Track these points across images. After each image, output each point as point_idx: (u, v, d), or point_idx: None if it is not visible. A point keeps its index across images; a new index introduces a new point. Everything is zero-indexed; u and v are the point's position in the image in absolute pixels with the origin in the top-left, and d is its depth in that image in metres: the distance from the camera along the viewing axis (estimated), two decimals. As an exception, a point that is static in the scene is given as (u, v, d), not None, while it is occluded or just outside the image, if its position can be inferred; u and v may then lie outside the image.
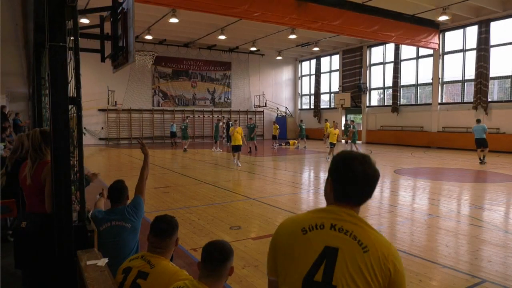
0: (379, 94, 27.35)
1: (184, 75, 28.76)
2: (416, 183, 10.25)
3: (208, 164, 14.70)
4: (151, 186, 9.94)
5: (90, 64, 22.82)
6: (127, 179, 12.53)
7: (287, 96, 33.60)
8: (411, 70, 24.13)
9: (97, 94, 24.51)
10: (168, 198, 8.27)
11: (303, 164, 15.03)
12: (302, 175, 12.50)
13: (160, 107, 27.84)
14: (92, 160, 16.22)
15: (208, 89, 29.88)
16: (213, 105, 30.13)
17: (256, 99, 31.23)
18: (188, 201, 8.01)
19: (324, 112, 30.86)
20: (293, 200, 8.10)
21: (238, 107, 31.00)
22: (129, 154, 19.06)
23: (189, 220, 6.42)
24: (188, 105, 29.02)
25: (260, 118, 32.01)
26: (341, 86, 28.71)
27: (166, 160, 16.18)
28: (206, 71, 29.57)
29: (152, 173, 12.53)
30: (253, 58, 31.18)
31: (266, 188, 9.47)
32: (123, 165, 14.96)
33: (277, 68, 32.79)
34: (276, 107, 32.20)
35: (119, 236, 3.10)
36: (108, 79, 24.25)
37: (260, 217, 6.64)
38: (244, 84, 31.28)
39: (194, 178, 11.18)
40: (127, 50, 3.41)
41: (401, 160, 16.14)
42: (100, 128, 25.77)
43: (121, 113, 26.38)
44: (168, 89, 28.20)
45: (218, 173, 12.45)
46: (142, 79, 26.87)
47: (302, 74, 33.83)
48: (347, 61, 28.14)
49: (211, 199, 8.23)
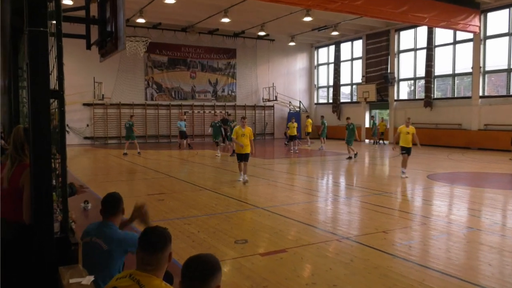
0: (409, 86, 27.13)
1: (182, 64, 28.89)
2: (453, 191, 10.16)
3: (209, 168, 14.72)
4: (144, 192, 9.98)
5: (74, 52, 22.83)
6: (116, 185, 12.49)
7: (301, 89, 33.54)
8: (447, 57, 23.92)
9: (82, 86, 24.73)
10: (163, 207, 8.29)
11: (320, 167, 14.96)
12: (319, 180, 12.45)
13: (154, 101, 28.00)
14: (76, 162, 16.36)
15: (210, 80, 29.96)
16: (215, 98, 30.21)
17: (265, 91, 31.25)
18: (186, 210, 8.02)
19: (344, 107, 30.74)
20: (309, 210, 8.08)
21: (244, 101, 31.04)
22: (118, 156, 19.17)
23: (188, 232, 6.44)
24: (186, 99, 29.14)
25: (269, 113, 32.02)
26: (365, 76, 28.58)
27: (161, 163, 16.24)
28: (207, 60, 29.67)
29: (145, 177, 12.57)
30: (262, 44, 31.20)
31: (277, 196, 9.45)
32: (112, 168, 15.05)
33: (289, 56, 32.75)
34: (288, 101, 32.18)
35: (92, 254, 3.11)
36: (95, 69, 24.44)
37: (270, 230, 6.63)
38: (251, 75, 31.31)
39: (193, 183, 11.19)
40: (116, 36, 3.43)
41: (435, 164, 16.01)
42: (85, 126, 26.00)
43: (109, 108, 26.59)
44: (163, 81, 28.35)
45: (221, 177, 12.44)
46: (133, 69, 27.06)
47: (318, 63, 33.73)
48: (372, 48, 28.00)
49: (213, 208, 8.23)
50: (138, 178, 12.60)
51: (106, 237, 3.16)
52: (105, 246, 3.12)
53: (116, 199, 3.36)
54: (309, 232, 6.56)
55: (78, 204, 7.96)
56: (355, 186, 11.50)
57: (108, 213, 3.31)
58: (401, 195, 9.90)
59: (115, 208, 3.32)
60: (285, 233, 6.48)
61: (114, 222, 3.31)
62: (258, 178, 12.23)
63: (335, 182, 12.12)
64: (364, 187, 10.72)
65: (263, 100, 31.43)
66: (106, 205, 3.32)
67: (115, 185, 10.91)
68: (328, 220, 7.41)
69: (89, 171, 14.14)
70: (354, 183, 12.08)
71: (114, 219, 3.31)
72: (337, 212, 8.08)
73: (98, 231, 3.21)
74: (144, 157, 18.95)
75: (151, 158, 17.96)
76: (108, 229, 3.21)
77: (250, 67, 31.19)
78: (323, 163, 15.77)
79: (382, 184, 11.29)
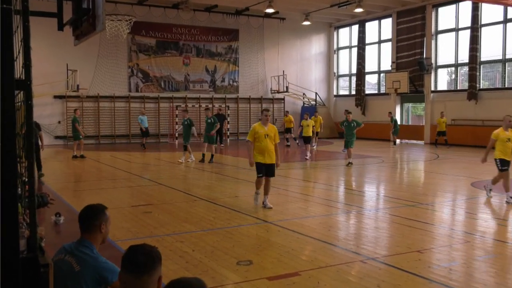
0: (449, 74, 27.00)
1: (173, 48, 29.00)
2: (502, 202, 10.09)
3: (207, 173, 14.75)
4: (127, 203, 10.02)
5: (43, 34, 23.08)
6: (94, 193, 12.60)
7: (318, 78, 33.51)
8: (496, 39, 23.80)
9: (52, 75, 24.89)
10: (150, 220, 8.31)
11: (341, 173, 14.94)
12: (340, 189, 12.43)
13: (140, 92, 28.13)
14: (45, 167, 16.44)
15: (207, 67, 30.05)
16: (214, 89, 30.28)
17: (274, 81, 31.28)
18: (178, 224, 8.04)
19: (370, 99, 30.67)
20: (326, 225, 8.07)
21: (249, 93, 31.09)
22: (96, 159, 19.25)
23: (180, 251, 6.46)
24: (178, 90, 29.23)
25: (279, 108, 32.04)
26: (395, 62, 28.51)
27: (147, 168, 16.29)
28: (203, 43, 29.77)
29: (129, 185, 12.61)
30: (270, 24, 31.24)
31: (289, 208, 9.46)
32: (88, 174, 15.11)
33: (303, 38, 32.74)
34: (302, 93, 32.19)
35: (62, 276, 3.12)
36: (68, 54, 24.58)
37: (280, 248, 6.63)
38: (257, 61, 31.35)
39: (187, 192, 11.19)
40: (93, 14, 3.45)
41: (481, 168, 15.90)
42: (57, 122, 26.15)
43: (86, 101, 26.74)
44: (151, 68, 28.47)
45: (220, 185, 12.46)
46: (114, 55, 27.20)
47: (339, 46, 33.68)
48: (404, 28, 27.92)
49: (211, 222, 8.25)
50: (120, 185, 12.64)
51: (79, 257, 3.18)
52: (77, 266, 3.14)
53: (93, 212, 3.36)
54: (327, 251, 6.55)
55: (48, 217, 8.01)
56: (383, 195, 11.45)
57: (83, 229, 3.32)
58: (439, 207, 9.85)
59: (90, 223, 3.31)
60: (298, 252, 6.47)
61: (92, 240, 3.32)
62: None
63: (359, 191, 12.07)
64: (394, 197, 10.69)
65: (272, 92, 31.46)
66: (81, 219, 3.34)
67: (93, 194, 10.95)
68: (350, 237, 7.39)
69: (61, 178, 14.20)
70: (382, 192, 12.03)
71: (91, 236, 3.32)
72: (361, 228, 8.06)
73: (72, 249, 3.24)
74: (128, 160, 19.01)
75: (136, 162, 18.00)
76: (82, 248, 3.23)
77: (256, 52, 31.23)
78: (345, 168, 15.72)
79: (416, 194, 11.23)
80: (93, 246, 3.28)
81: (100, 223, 3.34)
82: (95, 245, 3.32)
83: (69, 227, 7.88)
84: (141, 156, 20.22)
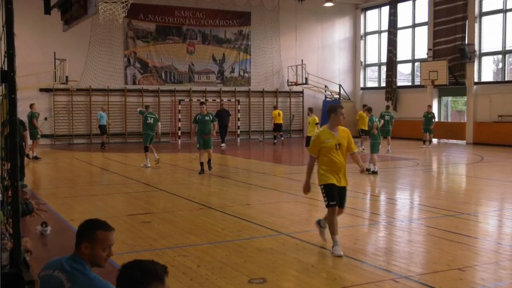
0: (496, 63, 26.71)
1: (175, 34, 29.08)
2: (559, 211, 9.96)
3: (214, 178, 14.75)
4: (123, 212, 10.05)
5: (28, 18, 23.32)
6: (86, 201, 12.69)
7: (342, 68, 33.38)
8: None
9: (38, 65, 25.10)
10: (150, 232, 8.33)
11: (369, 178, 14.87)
12: (368, 195, 12.39)
13: (137, 85, 28.26)
14: (30, 169, 16.60)
15: (214, 56, 30.10)
16: (222, 81, 30.31)
17: (292, 72, 31.23)
18: (181, 236, 8.05)
19: (402, 93, 30.41)
20: (352, 238, 8.03)
21: (262, 85, 31.06)
22: (88, 161, 19.37)
23: (183, 267, 6.47)
24: (181, 82, 29.31)
25: (297, 102, 31.96)
26: (432, 50, 28.29)
27: (147, 171, 16.36)
28: (210, 28, 29.81)
29: (126, 191, 12.67)
30: (287, 5, 31.18)
31: (308, 217, 9.41)
32: (79, 178, 15.19)
33: (325, 22, 32.63)
34: (324, 85, 32.09)
35: None
36: (56, 42, 24.77)
37: (298, 265, 6.61)
38: (271, 48, 31.32)
39: (191, 199, 11.19)
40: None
41: (533, 173, 15.75)
42: (43, 119, 26.35)
43: (76, 94, 26.93)
44: (150, 57, 28.59)
45: (230, 191, 12.45)
46: (109, 42, 27.36)
47: (366, 32, 33.49)
48: (442, 9, 27.70)
49: (219, 233, 8.25)
50: (115, 191, 12.69)
51: (70, 273, 3.20)
52: (67, 284, 3.16)
53: (88, 225, 3.39)
54: (354, 268, 6.51)
55: (33, 228, 8.07)
56: (418, 204, 11.38)
57: (76, 243, 3.34)
58: (483, 217, 9.77)
59: (82, 236, 3.34)
60: (319, 269, 6.45)
61: (83, 256, 3.34)
62: (282, 192, 12.22)
63: (390, 198, 12.02)
64: (431, 206, 10.61)
65: (289, 84, 31.40)
66: (77, 232, 3.37)
67: (84, 202, 10.99)
68: (379, 251, 7.35)
69: (48, 182, 14.29)
70: (416, 200, 11.94)
71: (82, 252, 3.34)
72: (393, 241, 8.00)
73: (62, 264, 3.25)
74: (123, 162, 19.10)
75: (133, 164, 18.08)
76: (75, 264, 3.25)
77: (270, 38, 31.20)
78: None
79: (456, 202, 11.14)
80: (84, 262, 3.30)
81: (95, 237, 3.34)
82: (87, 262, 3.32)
83: (56, 239, 7.94)
84: (138, 158, 20.28)
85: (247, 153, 22.95)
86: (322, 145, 7.16)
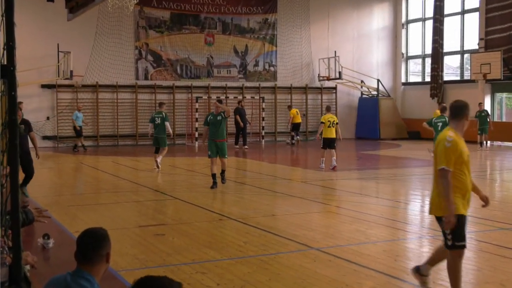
0: (559, 53, 26.32)
1: (193, 23, 29.23)
2: None
3: (234, 185, 14.77)
4: (134, 223, 10.14)
5: (29, 7, 23.65)
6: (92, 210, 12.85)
7: (381, 60, 33.22)
8: None
9: (40, 59, 25.46)
10: (163, 246, 8.37)
11: (411, 185, 14.76)
12: (409, 205, 12.28)
13: (150, 80, 28.47)
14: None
15: (236, 48, 30.17)
16: (244, 76, 30.37)
17: (323, 65, 31.17)
18: (199, 251, 8.08)
19: (450, 88, 30.08)
20: (393, 253, 8.00)
21: (290, 81, 31.06)
22: (94, 166, 19.54)
23: (202, 285, 6.50)
24: (199, 77, 29.45)
25: (329, 100, 31.87)
26: (484, 39, 27.99)
27: (160, 177, 16.46)
28: (231, 15, 29.91)
29: (136, 199, 12.78)
30: (317, -11, 31.20)
31: (342, 230, 9.41)
32: (85, 185, 15.34)
33: (361, 9, 32.53)
34: (360, 80, 31.95)
35: None
36: (60, 32, 25.09)
37: (331, 284, 6.59)
38: (300, 39, 31.30)
39: (209, 209, 11.26)
40: (93, -18, 3.53)
41: None
42: (45, 119, 26.64)
43: (81, 91, 27.25)
44: (164, 49, 28.77)
45: (253, 200, 12.46)
46: (118, 32, 27.63)
47: (408, 19, 33.24)
48: (496, -8, 27.40)
49: (241, 248, 8.25)
50: (125, 200, 12.78)
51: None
52: None
53: (98, 239, 3.41)
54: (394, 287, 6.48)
55: (34, 240, 8.18)
56: (468, 215, 11.24)
57: (85, 259, 3.36)
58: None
59: (96, 252, 3.37)
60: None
61: (93, 273, 3.37)
62: (311, 201, 12.21)
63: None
64: (483, 218, 10.48)
65: (320, 79, 31.34)
66: (83, 246, 3.38)
67: (90, 211, 11.14)
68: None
69: (50, 189, 14.46)
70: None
71: (93, 268, 3.36)
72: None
73: (67, 281, 3.28)
74: (134, 167, 19.24)
75: (145, 170, 18.20)
76: (82, 281, 3.28)
77: (299, 27, 31.18)
78: (416, 178, 15.52)
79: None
80: (94, 280, 3.32)
81: (106, 252, 3.41)
82: (97, 278, 3.37)
83: (60, 253, 8.03)
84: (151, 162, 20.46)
85: (272, 158, 22.93)
86: (459, 158, 5.72)
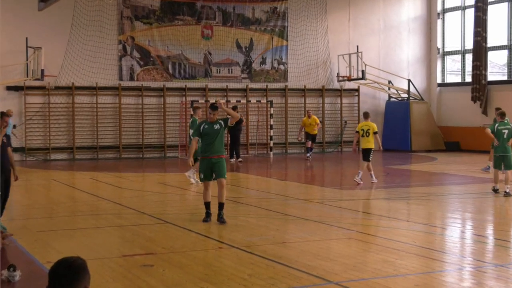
0: None
1: (187, 12, 29.33)
2: None
3: (237, 206, 14.74)
4: (117, 252, 10.08)
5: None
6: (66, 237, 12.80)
7: (412, 57, 33.30)
8: None
9: (5, 55, 25.50)
10: (151, 279, 8.32)
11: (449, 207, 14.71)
12: (447, 231, 12.27)
13: (136, 81, 28.53)
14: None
15: (239, 42, 30.24)
16: (249, 76, 30.38)
17: (343, 63, 31.20)
18: (194, 285, 8.00)
19: (495, 90, 30.03)
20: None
21: (303, 82, 31.12)
22: (70, 183, 19.53)
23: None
24: (194, 77, 29.51)
25: (350, 104, 31.95)
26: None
27: (148, 197, 16.44)
28: (233, 3, 29.97)
29: (119, 223, 12.73)
30: (335, -25, 31.33)
31: (367, 261, 9.37)
32: (59, 206, 15.30)
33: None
34: (387, 81, 31.94)
35: None
36: (29, 26, 25.23)
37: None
38: (316, 31, 31.39)
39: (207, 235, 11.28)
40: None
41: None
42: (11, 127, 26.69)
43: (54, 94, 27.33)
44: (153, 44, 28.85)
45: (259, 225, 12.46)
46: (98, 24, 27.75)
47: (445, 8, 33.30)
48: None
49: (245, 281, 8.18)
50: (106, 224, 12.78)
51: None
52: None
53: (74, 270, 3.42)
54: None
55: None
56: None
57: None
58: None
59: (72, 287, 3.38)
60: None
61: None
62: (331, 225, 12.18)
63: (479, 235, 11.87)
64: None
65: (339, 79, 31.37)
66: (56, 280, 3.39)
67: (65, 238, 11.07)
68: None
69: (17, 212, 14.41)
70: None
71: None
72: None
73: None
74: (118, 185, 19.19)
75: (130, 188, 18.18)
76: None
77: (315, 17, 31.27)
78: (455, 197, 15.45)
79: None
80: None
81: (84, 287, 3.43)
82: None
83: (28, 287, 7.97)
84: (137, 179, 20.46)
85: (282, 173, 22.89)
86: None
